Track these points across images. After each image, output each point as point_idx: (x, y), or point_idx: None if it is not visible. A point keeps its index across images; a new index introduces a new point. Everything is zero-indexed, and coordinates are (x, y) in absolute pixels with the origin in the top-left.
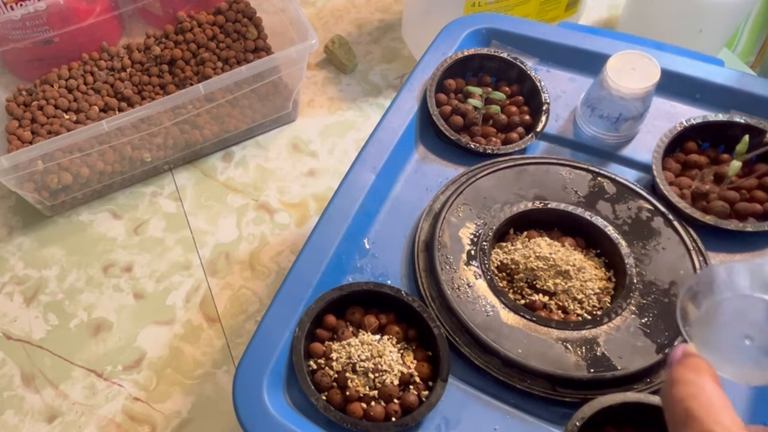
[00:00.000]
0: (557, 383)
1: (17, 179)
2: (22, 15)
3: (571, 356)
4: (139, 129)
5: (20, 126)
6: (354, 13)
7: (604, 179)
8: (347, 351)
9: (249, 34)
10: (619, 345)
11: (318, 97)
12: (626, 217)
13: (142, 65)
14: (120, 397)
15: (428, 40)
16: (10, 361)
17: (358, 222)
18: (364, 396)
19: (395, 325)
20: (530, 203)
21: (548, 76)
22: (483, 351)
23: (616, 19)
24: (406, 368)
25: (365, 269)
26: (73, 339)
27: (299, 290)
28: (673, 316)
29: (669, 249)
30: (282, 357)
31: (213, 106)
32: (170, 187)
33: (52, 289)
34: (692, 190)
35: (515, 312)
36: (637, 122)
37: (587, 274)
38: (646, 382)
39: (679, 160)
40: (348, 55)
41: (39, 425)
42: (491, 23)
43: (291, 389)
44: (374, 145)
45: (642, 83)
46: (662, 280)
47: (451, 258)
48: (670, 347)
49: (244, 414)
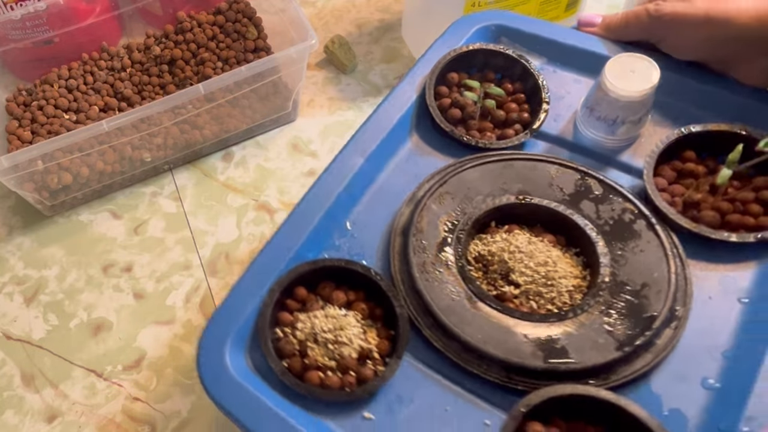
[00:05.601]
0: (512, 371)
1: (17, 179)
2: (22, 15)
3: (529, 346)
4: (139, 129)
5: (20, 126)
6: (354, 13)
7: (592, 179)
8: (312, 322)
9: (249, 34)
10: (579, 340)
11: (318, 97)
12: (608, 218)
13: (142, 65)
14: (120, 397)
15: (428, 40)
16: (10, 361)
17: (341, 202)
18: (322, 366)
19: (362, 303)
20: (513, 197)
21: (554, 76)
22: (443, 334)
23: None
24: (366, 343)
25: (342, 248)
26: (73, 339)
27: (274, 261)
28: (638, 317)
29: (647, 252)
30: (249, 322)
31: (213, 106)
32: (170, 187)
33: (52, 289)
34: (684, 198)
35: (481, 300)
36: (636, 126)
37: (562, 271)
38: (602, 377)
39: (675, 168)
40: (348, 55)
41: (39, 425)
42: (501, 20)
43: (254, 353)
44: (368, 130)
45: (640, 86)
46: (634, 281)
47: (426, 243)
48: (630, 346)
49: (204, 372)
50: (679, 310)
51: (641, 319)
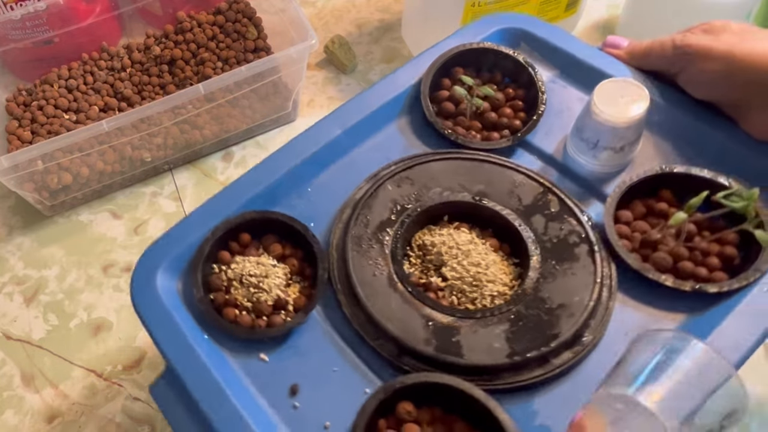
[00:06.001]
0: (404, 352)
1: (17, 179)
2: (22, 15)
3: (426, 333)
4: (139, 129)
5: (20, 126)
6: (354, 13)
7: (553, 196)
8: (243, 265)
9: (249, 34)
10: (476, 339)
11: (318, 97)
12: (554, 236)
13: (142, 65)
14: (120, 397)
15: (428, 40)
16: (10, 361)
17: (308, 166)
18: (240, 305)
19: (295, 260)
20: (469, 197)
21: (562, 91)
22: (354, 302)
23: (616, 19)
24: (284, 295)
25: (297, 208)
26: (73, 339)
27: (227, 203)
28: (541, 333)
29: (577, 276)
30: (188, 252)
31: (213, 106)
32: (170, 187)
33: (52, 289)
34: (643, 236)
35: (400, 281)
36: (619, 155)
37: (491, 276)
38: (485, 379)
39: (647, 204)
40: (348, 55)
41: (39, 425)
42: (524, 25)
43: (185, 281)
44: (353, 104)
45: (623, 113)
46: (553, 300)
47: (369, 219)
48: (521, 357)
49: (135, 288)
50: (587, 338)
51: (543, 336)
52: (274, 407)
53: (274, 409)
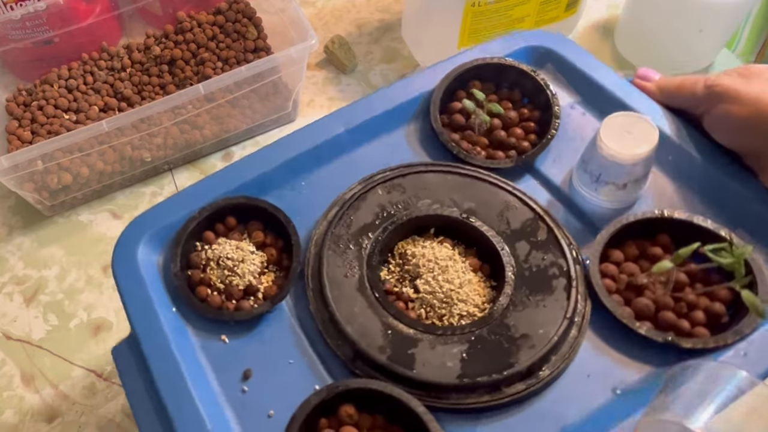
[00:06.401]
0: (357, 355)
1: (17, 179)
2: (22, 15)
3: (383, 341)
4: (139, 129)
5: (20, 126)
6: (354, 13)
7: (543, 225)
8: (223, 247)
9: (249, 34)
10: (431, 355)
11: (318, 97)
12: (534, 265)
13: (142, 65)
14: (120, 397)
15: (428, 40)
16: (10, 361)
17: (304, 160)
18: (213, 285)
19: (274, 249)
20: (457, 213)
21: (580, 118)
22: (320, 300)
23: (616, 19)
24: (257, 282)
25: (286, 199)
26: (73, 339)
27: (219, 185)
28: (497, 360)
29: (548, 308)
30: (174, 227)
31: (213, 106)
32: (170, 187)
33: (52, 289)
34: (630, 279)
35: (370, 286)
36: (621, 192)
37: (463, 295)
38: (432, 395)
39: (642, 247)
40: (348, 55)
41: (39, 425)
42: (552, 44)
43: (168, 255)
44: (360, 104)
45: (626, 149)
46: (518, 328)
47: (353, 219)
48: (470, 379)
49: (117, 253)
50: (543, 372)
51: (498, 362)
52: (224, 388)
53: (223, 390)
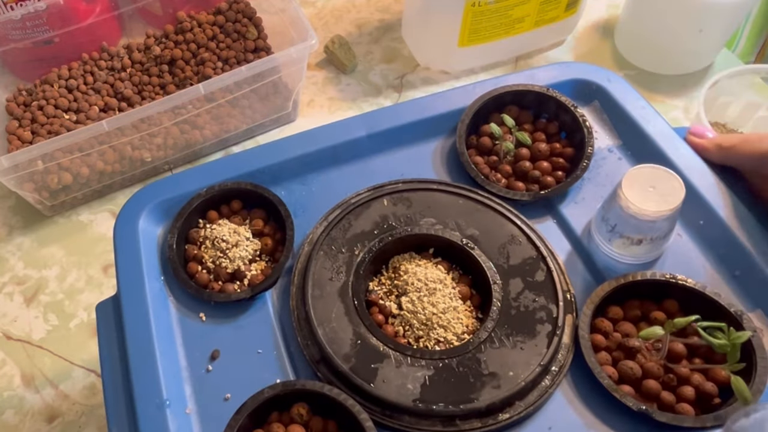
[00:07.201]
0: (323, 359)
1: (17, 179)
2: (22, 15)
3: (349, 349)
4: (139, 129)
5: (20, 126)
6: (354, 13)
7: (543, 266)
8: (222, 229)
9: (249, 34)
10: (394, 373)
11: (318, 97)
12: (523, 305)
13: (142, 65)
14: None
15: (428, 40)
16: (10, 361)
17: (321, 158)
18: (204, 263)
19: (271, 239)
20: (457, 238)
21: (615, 162)
22: (300, 297)
23: (616, 19)
24: (246, 269)
25: (294, 193)
26: (73, 339)
27: (232, 167)
28: (459, 390)
29: (525, 352)
30: (177, 204)
31: (213, 106)
32: None
33: (52, 289)
34: (621, 340)
35: (352, 293)
36: (636, 247)
37: (445, 321)
38: (386, 413)
39: (645, 308)
40: (348, 55)
41: (39, 425)
42: (602, 81)
43: (165, 226)
44: (387, 111)
45: (645, 205)
46: (488, 366)
47: (352, 225)
48: (425, 405)
49: (119, 223)
50: (503, 416)
51: (459, 395)
52: (189, 363)
53: (189, 365)
